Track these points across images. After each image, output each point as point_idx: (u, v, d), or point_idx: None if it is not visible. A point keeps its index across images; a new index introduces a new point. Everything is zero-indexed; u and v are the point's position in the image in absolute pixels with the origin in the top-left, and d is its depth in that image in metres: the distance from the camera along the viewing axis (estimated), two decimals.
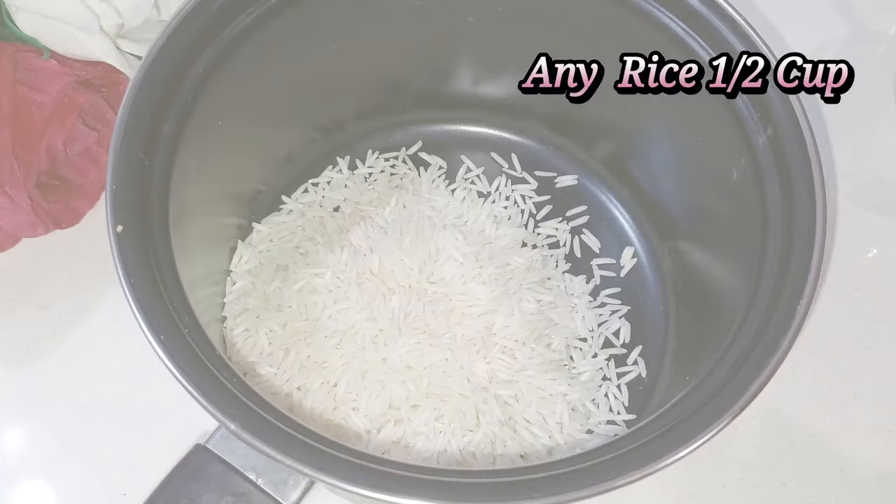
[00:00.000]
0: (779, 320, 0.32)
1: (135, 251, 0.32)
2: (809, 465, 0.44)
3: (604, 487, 0.28)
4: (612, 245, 0.48)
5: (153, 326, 0.30)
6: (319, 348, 0.41)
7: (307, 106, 0.46)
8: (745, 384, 0.31)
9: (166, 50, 0.35)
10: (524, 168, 0.50)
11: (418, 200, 0.47)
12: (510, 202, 0.49)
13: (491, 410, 0.40)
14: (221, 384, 0.30)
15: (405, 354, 0.41)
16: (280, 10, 0.39)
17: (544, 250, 0.47)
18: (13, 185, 0.44)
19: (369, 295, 0.42)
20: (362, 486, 0.28)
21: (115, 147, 0.33)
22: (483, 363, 0.41)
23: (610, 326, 0.45)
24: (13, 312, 0.47)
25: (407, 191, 0.48)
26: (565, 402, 0.41)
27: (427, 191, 0.48)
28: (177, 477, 0.34)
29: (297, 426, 0.29)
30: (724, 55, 0.37)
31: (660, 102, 0.40)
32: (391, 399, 0.40)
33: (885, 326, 0.48)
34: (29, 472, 0.43)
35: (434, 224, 0.45)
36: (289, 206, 0.48)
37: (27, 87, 0.45)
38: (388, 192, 0.48)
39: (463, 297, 0.43)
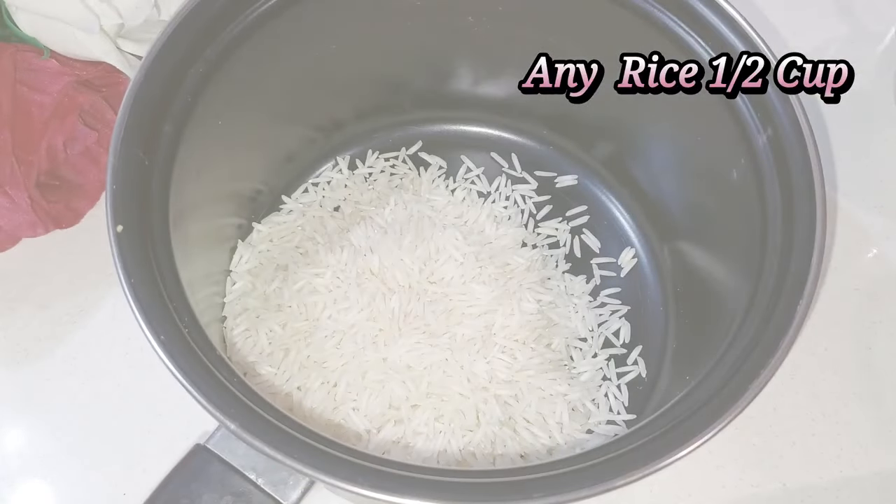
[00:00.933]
0: (779, 320, 0.32)
1: (135, 251, 0.32)
2: (809, 465, 0.44)
3: (604, 487, 0.28)
4: (612, 245, 0.48)
5: (153, 326, 0.30)
6: (319, 348, 0.41)
7: (307, 106, 0.46)
8: (745, 384, 0.31)
9: (166, 50, 0.35)
10: (524, 168, 0.50)
11: (418, 200, 0.47)
12: (510, 202, 0.49)
13: (491, 410, 0.40)
14: (221, 384, 0.30)
15: (405, 354, 0.41)
16: (280, 10, 0.39)
17: (544, 250, 0.47)
18: (13, 185, 0.44)
19: (369, 295, 0.42)
20: (362, 486, 0.28)
21: (115, 147, 0.33)
22: (483, 363, 0.41)
23: (610, 326, 0.45)
24: (13, 312, 0.47)
25: (407, 191, 0.48)
26: (565, 402, 0.41)
27: (427, 191, 0.48)
28: (177, 477, 0.34)
29: (298, 426, 0.29)
30: (724, 55, 0.37)
31: (660, 102, 0.40)
32: (391, 399, 0.40)
33: (885, 326, 0.48)
34: (29, 472, 0.43)
35: (434, 224, 0.45)
36: (289, 206, 0.48)
37: (27, 87, 0.45)
38: (388, 192, 0.48)
39: (463, 297, 0.43)
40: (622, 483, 0.29)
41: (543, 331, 0.43)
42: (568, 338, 0.44)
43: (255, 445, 0.28)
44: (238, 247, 0.45)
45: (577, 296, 0.46)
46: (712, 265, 0.41)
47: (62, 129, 0.45)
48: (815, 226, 0.33)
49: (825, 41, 0.58)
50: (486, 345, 0.42)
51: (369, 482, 0.28)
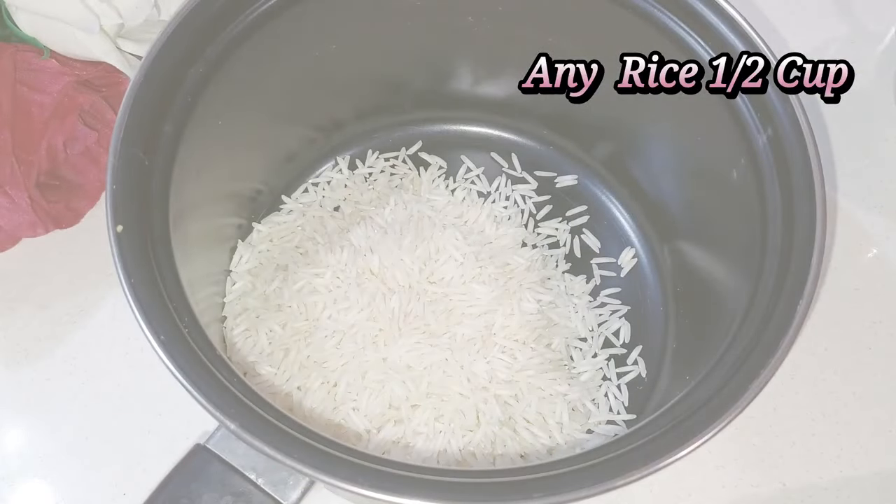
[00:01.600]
0: (779, 320, 0.32)
1: (135, 251, 0.32)
2: (809, 465, 0.44)
3: (604, 487, 0.28)
4: (612, 245, 0.48)
5: (153, 326, 0.30)
6: (319, 348, 0.41)
7: (307, 106, 0.46)
8: (745, 384, 0.31)
9: (166, 50, 0.35)
10: (524, 168, 0.50)
11: (418, 200, 0.47)
12: (510, 202, 0.49)
13: (491, 410, 0.40)
14: (222, 384, 0.30)
15: (405, 354, 0.41)
16: (280, 10, 0.39)
17: (544, 250, 0.47)
18: (13, 185, 0.44)
19: (369, 295, 0.42)
20: (362, 486, 0.28)
21: (115, 147, 0.33)
22: (483, 363, 0.41)
23: (610, 326, 0.45)
24: (13, 312, 0.47)
25: (407, 191, 0.48)
26: (565, 402, 0.41)
27: (427, 191, 0.48)
28: (177, 477, 0.34)
29: (298, 426, 0.29)
30: (724, 55, 0.37)
31: (660, 102, 0.40)
32: (391, 399, 0.40)
33: (885, 326, 0.48)
34: (29, 472, 0.43)
35: (434, 224, 0.45)
36: (289, 206, 0.48)
37: (27, 87, 0.45)
38: (388, 192, 0.48)
39: (463, 296, 0.43)
40: (622, 483, 0.29)
41: (543, 331, 0.43)
42: (568, 338, 0.44)
43: (255, 445, 0.28)
44: (238, 247, 0.45)
45: (577, 296, 0.46)
46: (712, 265, 0.41)
47: (62, 129, 0.45)
48: (815, 226, 0.33)
49: (825, 41, 0.58)
50: (486, 345, 0.42)
51: (369, 482, 0.28)
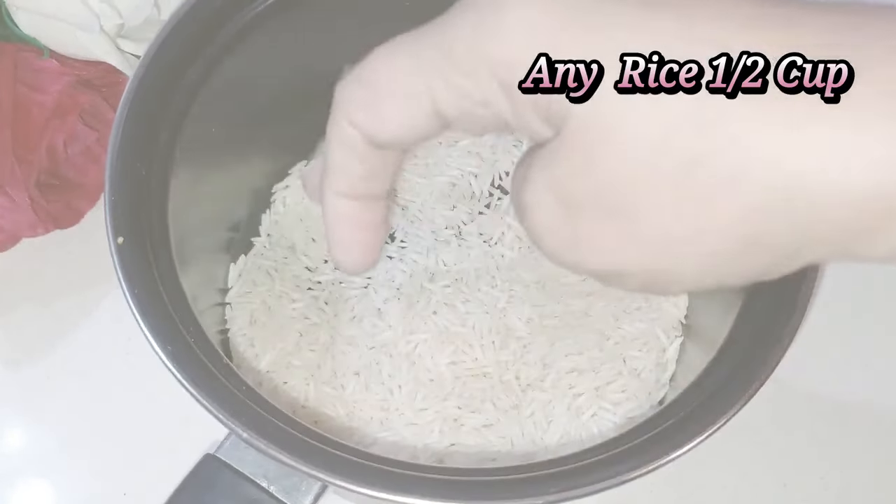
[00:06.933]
0: (778, 320, 0.32)
1: (136, 262, 0.31)
2: (810, 464, 0.44)
3: (603, 486, 0.28)
4: None
5: (160, 338, 0.30)
6: (324, 352, 0.41)
7: (307, 107, 0.46)
8: (745, 384, 0.31)
9: (160, 55, 0.35)
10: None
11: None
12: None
13: (500, 404, 0.40)
14: (231, 392, 0.29)
15: (413, 352, 0.40)
16: (277, 12, 0.39)
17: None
18: (13, 185, 0.44)
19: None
20: (379, 489, 0.28)
21: (112, 159, 0.33)
22: (495, 358, 0.40)
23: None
24: (13, 312, 0.47)
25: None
26: (572, 398, 0.41)
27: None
28: (188, 488, 0.34)
29: (310, 431, 0.29)
30: (724, 55, 0.37)
31: None
32: (400, 399, 0.39)
33: (884, 326, 0.48)
34: (29, 472, 0.43)
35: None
36: (289, 207, 0.47)
37: (27, 87, 0.45)
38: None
39: (476, 291, 0.42)
40: (621, 482, 0.29)
41: (555, 327, 0.43)
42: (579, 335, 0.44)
43: (269, 453, 0.28)
44: (239, 254, 0.45)
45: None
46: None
47: (62, 129, 0.45)
48: None
49: None
50: (500, 339, 0.41)
51: (384, 484, 0.28)
